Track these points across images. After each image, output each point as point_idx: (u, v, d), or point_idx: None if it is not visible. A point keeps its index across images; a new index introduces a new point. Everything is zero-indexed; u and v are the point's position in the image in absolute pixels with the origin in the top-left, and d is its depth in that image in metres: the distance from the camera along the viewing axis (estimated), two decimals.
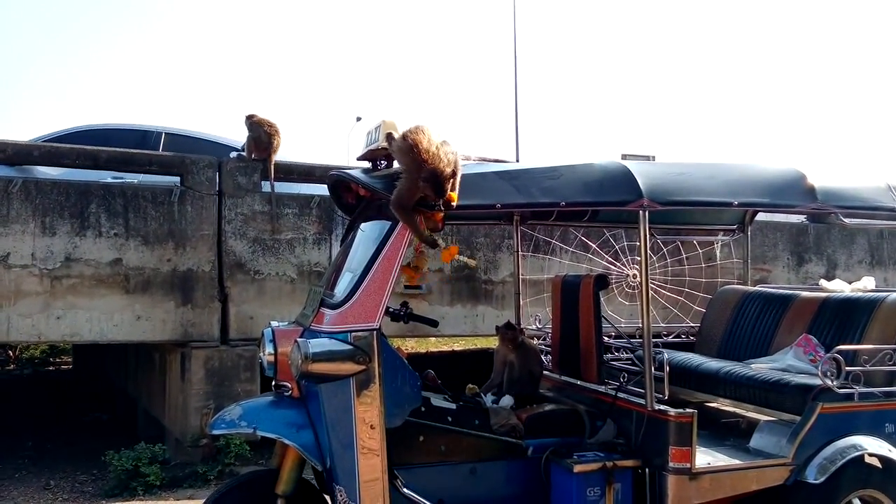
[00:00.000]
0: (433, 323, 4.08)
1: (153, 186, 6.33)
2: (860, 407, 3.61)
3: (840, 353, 3.59)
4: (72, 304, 5.94)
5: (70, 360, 12.90)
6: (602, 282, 3.85)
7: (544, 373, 4.15)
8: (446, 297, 7.05)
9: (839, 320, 4.12)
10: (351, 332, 3.16)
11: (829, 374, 3.56)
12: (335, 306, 3.27)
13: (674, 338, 5.12)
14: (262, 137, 6.61)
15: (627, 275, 5.55)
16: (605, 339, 3.95)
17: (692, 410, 3.37)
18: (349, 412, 3.13)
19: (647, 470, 3.40)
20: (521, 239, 4.80)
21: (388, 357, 3.24)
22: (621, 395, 3.62)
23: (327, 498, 3.46)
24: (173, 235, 6.25)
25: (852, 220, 8.47)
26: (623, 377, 3.68)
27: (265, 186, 6.57)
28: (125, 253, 6.10)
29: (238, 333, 6.37)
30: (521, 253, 4.83)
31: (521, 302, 4.77)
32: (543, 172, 3.49)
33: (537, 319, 4.81)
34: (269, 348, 3.40)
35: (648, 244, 3.52)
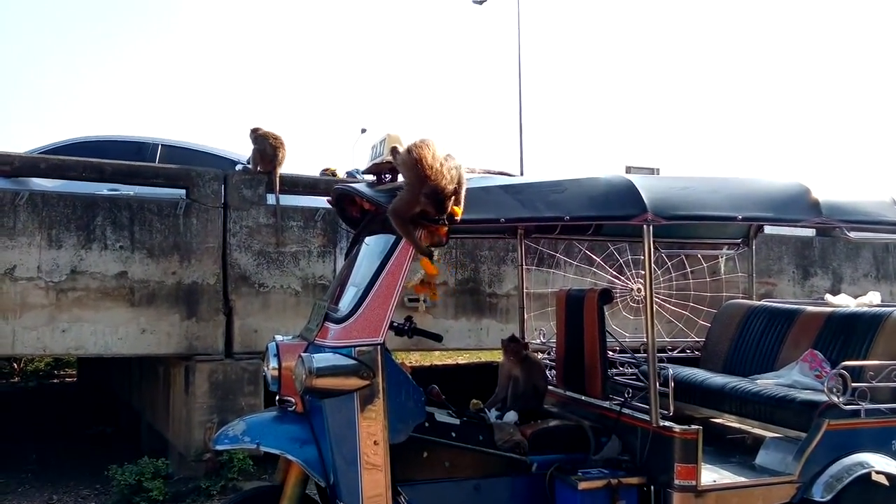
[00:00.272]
0: (437, 338, 4.08)
1: (159, 199, 6.33)
2: (866, 423, 3.58)
3: (846, 368, 3.58)
4: (77, 317, 5.93)
5: (74, 372, 12.88)
6: (606, 296, 3.85)
7: (549, 388, 4.14)
8: (450, 311, 7.02)
9: (845, 335, 4.10)
10: (355, 346, 3.16)
11: (835, 390, 3.54)
12: (339, 321, 3.27)
13: (678, 352, 5.10)
14: (268, 150, 6.62)
15: (632, 289, 5.53)
16: (610, 353, 3.94)
17: (698, 427, 3.35)
18: (353, 427, 3.12)
19: (652, 487, 3.38)
20: (525, 252, 4.80)
21: (392, 372, 3.24)
22: (626, 410, 3.60)
23: None
24: (178, 248, 6.25)
25: (857, 235, 8.43)
26: (627, 393, 3.66)
27: (270, 199, 6.58)
28: (130, 266, 6.10)
29: (242, 347, 6.35)
30: (525, 266, 4.83)
31: (526, 316, 4.76)
32: (548, 186, 3.50)
33: (542, 333, 4.80)
34: (274, 363, 3.39)
35: (653, 258, 3.52)
